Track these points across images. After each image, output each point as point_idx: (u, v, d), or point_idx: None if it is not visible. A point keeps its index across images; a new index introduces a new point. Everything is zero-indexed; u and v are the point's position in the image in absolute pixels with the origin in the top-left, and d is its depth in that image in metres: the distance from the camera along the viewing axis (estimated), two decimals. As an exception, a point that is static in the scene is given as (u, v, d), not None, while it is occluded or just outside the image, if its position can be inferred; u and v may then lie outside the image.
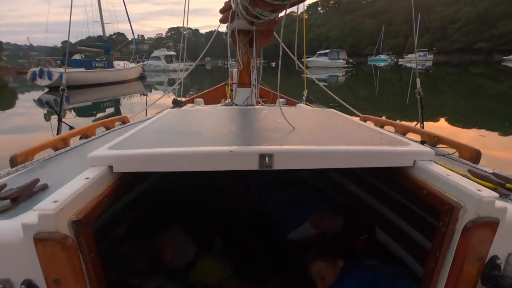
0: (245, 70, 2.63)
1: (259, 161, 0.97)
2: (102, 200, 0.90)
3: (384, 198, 2.06)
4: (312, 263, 1.65)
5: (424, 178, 1.02)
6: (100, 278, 0.85)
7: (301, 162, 1.02)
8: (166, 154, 0.98)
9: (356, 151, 1.06)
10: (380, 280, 1.44)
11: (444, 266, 0.89)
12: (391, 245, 1.95)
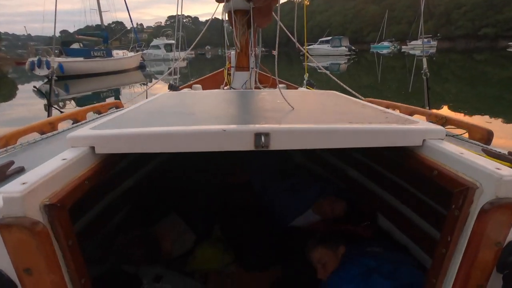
0: (243, 53, 2.54)
1: (255, 141, 0.90)
2: (82, 183, 0.83)
3: (387, 183, 2.02)
4: (313, 250, 1.62)
5: (434, 158, 0.95)
6: (80, 267, 0.80)
7: (300, 142, 0.95)
8: (153, 133, 0.91)
9: (360, 129, 0.99)
10: (382, 267, 1.40)
11: (456, 252, 0.84)
12: (393, 231, 1.91)
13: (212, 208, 2.12)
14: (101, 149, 0.91)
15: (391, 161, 1.98)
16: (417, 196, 1.77)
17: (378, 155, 2.07)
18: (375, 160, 2.14)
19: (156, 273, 1.52)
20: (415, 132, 1.01)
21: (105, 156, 0.96)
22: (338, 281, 1.38)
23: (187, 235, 1.89)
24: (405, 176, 1.87)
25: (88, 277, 0.85)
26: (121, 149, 0.92)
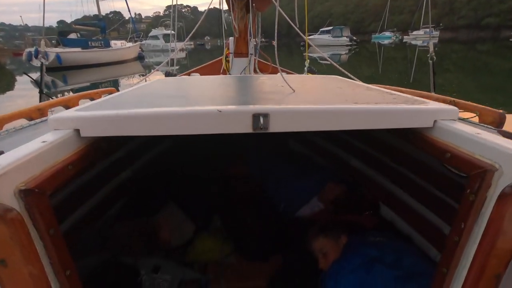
0: (242, 38, 2.45)
1: (253, 122, 0.84)
2: (65, 168, 0.77)
3: (389, 172, 1.98)
4: (314, 239, 1.59)
5: (447, 140, 0.89)
6: (65, 258, 0.76)
7: (301, 124, 0.89)
8: (143, 115, 0.84)
9: (366, 109, 0.92)
10: (385, 257, 1.37)
11: (470, 240, 0.79)
12: (396, 221, 1.88)
13: (212, 199, 2.09)
14: (87, 132, 0.85)
15: (394, 149, 1.94)
16: (421, 185, 1.73)
17: (381, 143, 2.03)
18: (377, 149, 2.09)
19: (155, 263, 1.50)
20: (425, 112, 0.94)
21: (92, 140, 0.90)
22: (339, 270, 1.35)
23: (186, 226, 1.86)
24: (409, 165, 1.83)
25: (75, 268, 0.80)
26: (108, 132, 0.86)
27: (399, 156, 1.88)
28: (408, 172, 1.83)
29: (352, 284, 1.28)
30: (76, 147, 0.84)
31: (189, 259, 1.75)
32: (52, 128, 0.85)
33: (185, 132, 0.85)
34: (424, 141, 0.96)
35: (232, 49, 2.53)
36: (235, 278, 1.70)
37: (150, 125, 0.84)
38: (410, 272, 1.30)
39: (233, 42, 2.49)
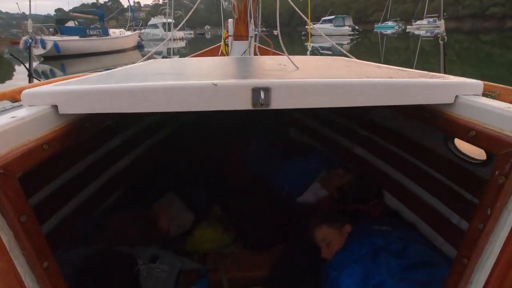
0: (241, 20, 2.33)
1: (252, 97, 0.75)
2: (38, 147, 0.69)
3: (394, 160, 1.92)
4: (317, 228, 1.54)
5: (471, 116, 0.81)
6: (41, 248, 0.69)
7: (307, 99, 0.79)
8: (130, 89, 0.76)
9: (379, 83, 0.83)
10: (390, 245, 1.33)
11: (497, 227, 0.72)
12: (401, 209, 1.84)
13: (211, 188, 2.03)
14: (66, 108, 0.76)
15: (399, 135, 1.87)
16: (427, 172, 1.68)
17: (385, 128, 1.97)
18: (381, 135, 2.03)
19: (152, 253, 1.45)
20: (446, 86, 0.85)
21: (74, 118, 0.81)
22: (344, 260, 1.31)
23: (185, 215, 1.81)
24: (414, 151, 1.77)
25: (54, 259, 0.72)
26: (91, 108, 0.77)
27: (404, 143, 1.82)
28: (414, 159, 1.77)
29: (357, 274, 1.24)
30: (53, 125, 0.76)
31: (188, 249, 1.71)
32: (27, 103, 0.77)
33: (176, 109, 0.76)
34: (443, 119, 0.88)
35: (231, 32, 2.42)
36: (236, 268, 1.66)
37: (137, 100, 0.75)
38: (416, 261, 1.26)
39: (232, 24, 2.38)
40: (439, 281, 1.17)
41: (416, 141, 1.75)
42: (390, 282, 1.18)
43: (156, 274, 1.38)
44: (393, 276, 1.20)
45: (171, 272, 1.38)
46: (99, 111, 0.77)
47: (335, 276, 1.27)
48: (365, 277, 1.23)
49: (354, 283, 1.22)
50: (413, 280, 1.19)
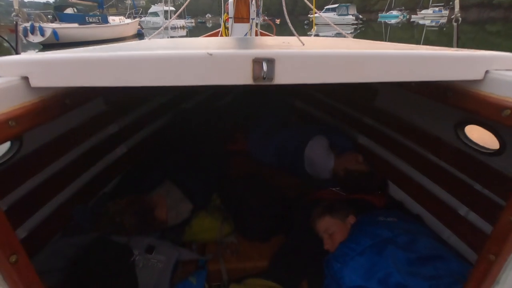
0: (242, 1, 2.21)
1: (253, 70, 0.66)
2: (3, 123, 0.61)
3: (400, 149, 1.86)
4: (320, 218, 1.49)
5: (504, 94, 0.72)
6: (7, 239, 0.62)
7: (316, 73, 0.69)
8: (113, 59, 0.66)
9: (398, 55, 0.73)
10: (397, 238, 1.27)
11: None
12: (406, 200, 1.78)
13: (211, 176, 1.97)
14: (39, 80, 0.67)
15: (404, 123, 1.80)
16: (433, 162, 1.61)
17: (391, 117, 1.89)
18: (386, 124, 1.96)
19: (149, 243, 1.40)
20: (475, 60, 0.75)
21: (49, 93, 0.72)
22: (348, 252, 1.25)
23: (183, 204, 1.75)
24: (421, 140, 1.70)
25: (24, 253, 0.66)
26: (68, 80, 0.67)
27: (411, 131, 1.75)
28: (420, 149, 1.70)
29: (362, 266, 1.19)
30: (23, 99, 0.67)
31: (187, 239, 1.66)
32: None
33: (166, 83, 0.67)
34: (470, 97, 0.78)
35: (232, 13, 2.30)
36: (235, 258, 1.61)
37: (122, 72, 0.66)
38: (425, 255, 1.20)
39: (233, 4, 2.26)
40: (448, 276, 1.11)
41: (423, 130, 1.67)
42: (397, 276, 1.12)
43: (152, 264, 1.33)
44: (400, 270, 1.14)
45: (167, 262, 1.33)
46: (77, 84, 0.67)
47: (338, 268, 1.22)
48: (370, 270, 1.17)
49: (358, 276, 1.17)
50: (421, 275, 1.13)
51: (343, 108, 2.38)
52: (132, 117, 2.21)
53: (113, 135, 2.02)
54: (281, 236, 1.73)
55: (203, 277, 1.44)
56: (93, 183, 1.81)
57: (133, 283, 1.25)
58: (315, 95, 2.68)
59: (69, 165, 1.64)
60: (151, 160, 2.03)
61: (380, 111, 1.98)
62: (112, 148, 2.02)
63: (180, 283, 1.37)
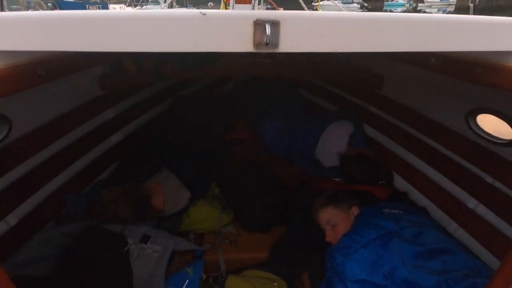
0: None
1: (254, 34, 0.56)
2: None
3: (405, 139, 1.78)
4: (322, 209, 1.43)
5: None
6: None
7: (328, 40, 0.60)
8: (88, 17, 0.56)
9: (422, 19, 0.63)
10: (403, 230, 1.21)
11: None
12: (411, 192, 1.72)
13: (210, 165, 1.91)
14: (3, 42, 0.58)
15: (410, 111, 1.72)
16: (442, 152, 1.54)
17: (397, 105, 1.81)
18: (392, 112, 1.88)
19: (144, 232, 1.35)
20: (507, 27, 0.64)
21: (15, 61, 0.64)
22: (351, 244, 1.19)
23: (181, 193, 1.70)
24: (429, 130, 1.62)
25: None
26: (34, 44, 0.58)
27: (418, 120, 1.67)
28: (428, 139, 1.63)
29: (366, 259, 1.13)
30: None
31: (184, 228, 1.61)
32: None
33: (150, 48, 0.58)
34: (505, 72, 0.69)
35: None
36: (234, 249, 1.56)
37: (98, 33, 0.56)
38: (432, 248, 1.14)
39: None
40: (457, 271, 1.06)
41: (431, 119, 1.60)
42: (402, 270, 1.07)
43: (148, 254, 1.28)
44: (406, 264, 1.09)
45: (163, 252, 1.29)
46: (45, 48, 0.57)
47: (341, 261, 1.16)
48: (375, 263, 1.12)
49: (362, 269, 1.11)
50: (428, 269, 1.07)
51: (348, 97, 2.29)
52: (129, 103, 2.14)
53: (109, 122, 1.95)
54: (281, 227, 1.68)
55: (200, 268, 1.40)
56: (87, 171, 1.76)
57: (127, 273, 1.20)
58: (319, 84, 2.59)
59: (62, 151, 1.58)
60: (148, 147, 1.97)
61: (386, 100, 1.90)
62: (107, 135, 1.95)
63: (176, 273, 1.33)
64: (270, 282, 1.42)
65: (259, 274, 1.46)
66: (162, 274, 1.23)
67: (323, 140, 2.03)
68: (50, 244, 1.22)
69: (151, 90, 2.38)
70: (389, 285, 1.06)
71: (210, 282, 1.51)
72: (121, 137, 2.07)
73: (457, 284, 1.01)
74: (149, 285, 1.19)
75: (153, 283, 1.20)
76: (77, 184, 1.67)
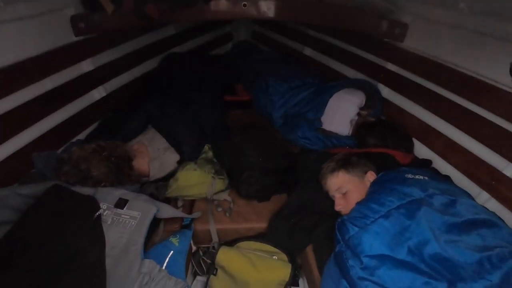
0: None
1: None
2: None
3: (430, 100, 1.54)
4: (332, 174, 1.21)
5: None
6: None
7: None
8: None
9: None
10: (433, 198, 0.99)
11: None
12: (434, 159, 1.49)
13: (203, 125, 1.67)
14: None
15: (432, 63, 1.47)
16: (473, 113, 1.31)
17: (423, 59, 1.54)
18: (413, 68, 1.61)
19: (120, 196, 1.14)
20: None
21: None
22: (368, 214, 0.98)
23: (169, 155, 1.48)
24: (459, 87, 1.38)
25: None
26: None
27: (445, 75, 1.42)
28: (457, 97, 1.39)
29: (387, 232, 0.92)
30: None
31: (171, 194, 1.40)
32: None
33: None
34: None
35: None
36: (228, 219, 1.37)
37: None
38: (468, 220, 0.93)
39: None
40: (501, 246, 0.85)
41: (465, 73, 1.34)
42: (435, 245, 0.86)
43: (124, 221, 1.08)
44: (438, 238, 0.88)
45: (142, 219, 1.08)
46: None
47: (356, 232, 0.95)
48: (398, 236, 0.91)
49: (382, 242, 0.90)
50: (466, 244, 0.87)
51: (360, 54, 2.00)
52: (111, 54, 1.87)
53: (87, 74, 1.70)
54: (283, 195, 1.47)
55: (188, 238, 1.20)
56: (63, 127, 1.54)
57: (98, 242, 1.00)
58: (325, 40, 2.29)
59: (31, 102, 1.35)
60: (133, 104, 1.72)
61: (409, 54, 1.63)
62: (86, 90, 1.71)
63: (159, 244, 1.13)
64: (269, 255, 1.23)
65: (256, 246, 1.27)
66: (140, 244, 1.03)
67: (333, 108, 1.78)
68: (5, 208, 1.02)
69: (137, 43, 2.10)
70: (416, 262, 0.86)
71: (200, 254, 1.33)
72: (103, 94, 1.83)
73: (503, 262, 0.80)
74: (124, 256, 1.00)
75: (129, 254, 1.00)
76: (48, 143, 1.45)
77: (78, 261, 0.91)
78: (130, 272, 0.97)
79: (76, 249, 0.93)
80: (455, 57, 1.40)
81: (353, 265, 0.91)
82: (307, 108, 1.82)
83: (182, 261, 1.12)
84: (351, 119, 1.76)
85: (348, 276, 0.91)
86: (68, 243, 0.94)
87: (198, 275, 1.36)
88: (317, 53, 2.42)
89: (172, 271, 1.06)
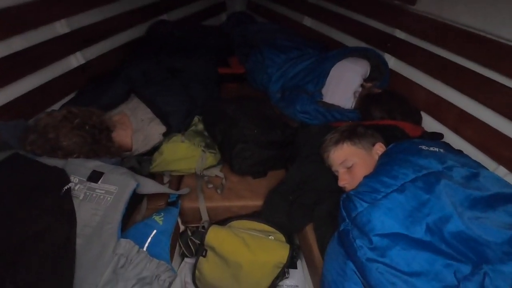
0: None
1: None
2: None
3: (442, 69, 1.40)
4: (335, 146, 1.07)
5: None
6: None
7: None
8: None
9: None
10: (453, 171, 0.86)
11: None
12: (446, 133, 1.37)
13: (193, 96, 1.51)
14: None
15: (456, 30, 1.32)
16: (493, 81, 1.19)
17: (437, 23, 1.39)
18: (427, 35, 1.46)
19: (94, 168, 0.99)
20: None
21: None
22: (378, 189, 0.85)
23: (153, 126, 1.33)
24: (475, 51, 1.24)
25: None
26: None
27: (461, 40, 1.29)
28: (473, 64, 1.25)
29: (402, 207, 0.79)
30: None
31: (156, 169, 1.26)
32: None
33: None
34: None
35: None
36: (219, 196, 1.24)
37: None
38: (495, 194, 0.80)
39: None
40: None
41: (484, 36, 1.20)
42: (458, 222, 0.73)
43: (98, 196, 0.94)
44: (462, 214, 0.75)
45: (119, 194, 0.94)
46: None
47: (365, 208, 0.83)
48: (415, 212, 0.78)
49: (396, 219, 0.78)
50: (492, 221, 0.75)
51: (365, 22, 1.83)
52: (89, 17, 1.68)
53: (62, 37, 1.52)
54: (280, 171, 1.35)
55: (174, 217, 1.07)
56: (35, 95, 1.37)
57: (67, 220, 0.87)
58: (326, 7, 2.11)
59: None
60: (117, 71, 1.54)
61: (421, 18, 1.47)
62: (61, 55, 1.53)
63: (139, 223, 1.00)
64: (265, 235, 1.11)
65: (251, 226, 1.15)
66: (116, 222, 0.89)
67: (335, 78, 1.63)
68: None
69: (122, 6, 1.90)
70: (436, 241, 0.74)
71: (188, 234, 1.21)
72: (82, 61, 1.65)
73: (537, 242, 0.69)
74: (97, 235, 0.87)
75: (103, 233, 0.87)
76: (17, 112, 1.28)
77: (39, 241, 0.77)
78: (103, 254, 0.84)
79: (37, 229, 0.79)
80: (474, 19, 1.25)
81: (361, 245, 0.79)
82: (306, 80, 1.66)
83: (167, 242, 0.99)
84: (355, 90, 1.61)
85: (355, 258, 0.79)
86: (28, 222, 0.81)
87: (186, 257, 1.25)
88: (318, 23, 2.24)
89: (155, 252, 0.93)
